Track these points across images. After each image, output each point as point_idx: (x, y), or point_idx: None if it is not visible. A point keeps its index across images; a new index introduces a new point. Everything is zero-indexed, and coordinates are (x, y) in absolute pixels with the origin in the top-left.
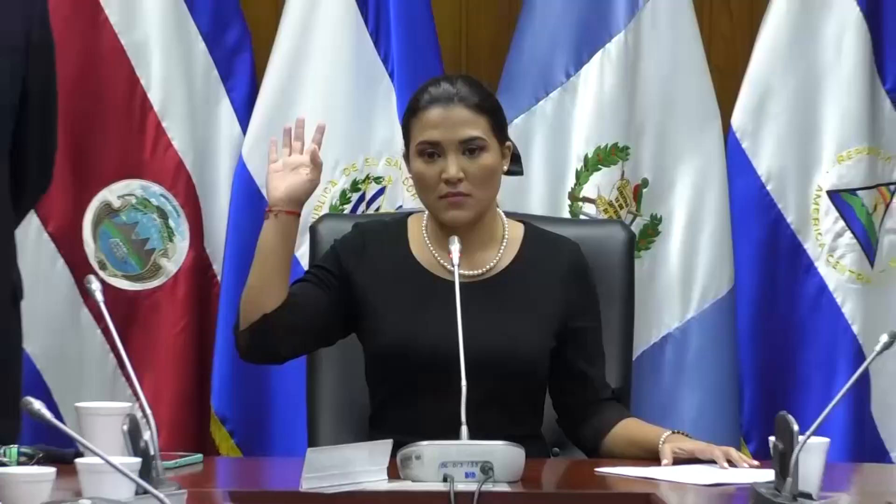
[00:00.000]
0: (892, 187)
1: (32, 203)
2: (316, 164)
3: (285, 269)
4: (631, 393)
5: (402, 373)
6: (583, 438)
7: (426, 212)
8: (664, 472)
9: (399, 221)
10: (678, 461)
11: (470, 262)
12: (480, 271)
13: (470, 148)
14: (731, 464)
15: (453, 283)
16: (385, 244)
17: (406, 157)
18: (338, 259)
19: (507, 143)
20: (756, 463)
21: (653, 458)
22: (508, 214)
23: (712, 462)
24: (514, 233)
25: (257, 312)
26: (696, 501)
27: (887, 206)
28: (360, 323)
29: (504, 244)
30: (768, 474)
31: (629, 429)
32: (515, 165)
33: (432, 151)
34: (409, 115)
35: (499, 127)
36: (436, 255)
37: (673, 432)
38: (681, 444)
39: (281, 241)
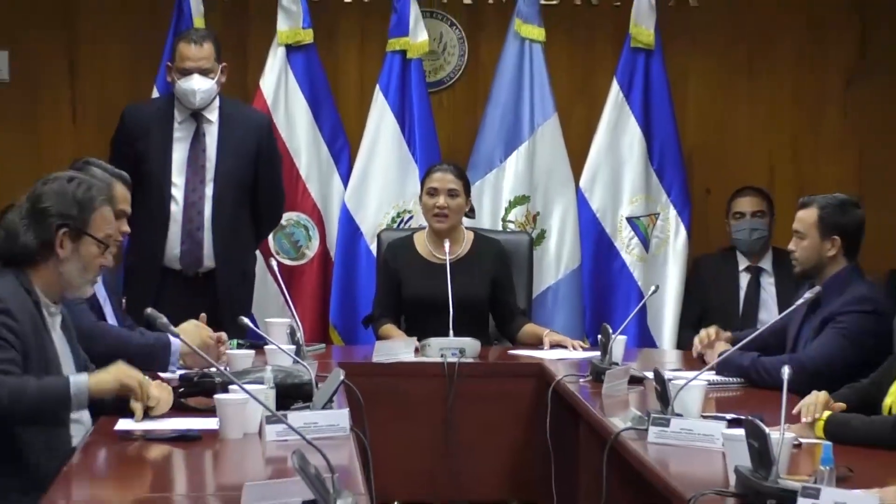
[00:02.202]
0: (655, 215)
1: (269, 231)
2: None
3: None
4: (531, 314)
5: (418, 309)
6: (507, 335)
7: (427, 228)
8: (545, 353)
9: (407, 236)
10: (552, 346)
11: (448, 251)
12: (453, 257)
13: (451, 194)
14: (578, 349)
15: (443, 263)
16: (403, 250)
17: (420, 196)
18: (388, 267)
19: (469, 199)
20: (590, 348)
21: (540, 344)
22: (466, 228)
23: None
24: (469, 237)
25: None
26: (562, 366)
27: (654, 224)
28: (401, 290)
29: (464, 243)
30: (597, 354)
31: (529, 330)
32: (471, 212)
33: (433, 192)
34: (425, 176)
35: (467, 187)
36: (431, 249)
37: (550, 331)
38: (553, 337)
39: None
